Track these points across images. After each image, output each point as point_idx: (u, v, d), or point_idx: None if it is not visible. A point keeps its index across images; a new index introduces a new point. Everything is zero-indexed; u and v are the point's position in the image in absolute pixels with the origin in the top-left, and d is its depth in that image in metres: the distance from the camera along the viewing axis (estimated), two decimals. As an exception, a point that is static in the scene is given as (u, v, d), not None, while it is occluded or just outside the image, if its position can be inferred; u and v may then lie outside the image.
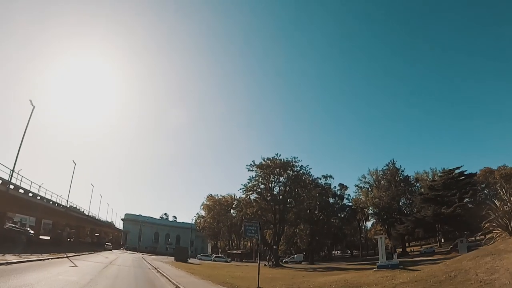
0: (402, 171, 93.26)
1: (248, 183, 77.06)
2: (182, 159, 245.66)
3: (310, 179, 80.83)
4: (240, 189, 78.53)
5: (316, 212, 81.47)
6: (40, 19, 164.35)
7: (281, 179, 77.24)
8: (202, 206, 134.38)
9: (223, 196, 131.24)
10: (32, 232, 60.29)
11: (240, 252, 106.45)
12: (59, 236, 69.26)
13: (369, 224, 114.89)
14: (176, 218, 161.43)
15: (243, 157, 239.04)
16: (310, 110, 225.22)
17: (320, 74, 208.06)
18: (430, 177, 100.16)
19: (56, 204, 60.08)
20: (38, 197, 52.01)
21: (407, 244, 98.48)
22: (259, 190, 76.69)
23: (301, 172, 77.78)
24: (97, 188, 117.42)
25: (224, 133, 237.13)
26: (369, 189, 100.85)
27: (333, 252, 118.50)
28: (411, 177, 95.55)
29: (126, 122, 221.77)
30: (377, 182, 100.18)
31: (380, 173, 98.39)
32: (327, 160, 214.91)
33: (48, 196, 55.21)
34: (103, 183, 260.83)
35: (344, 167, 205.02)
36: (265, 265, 71.47)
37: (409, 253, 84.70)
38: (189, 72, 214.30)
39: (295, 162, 77.14)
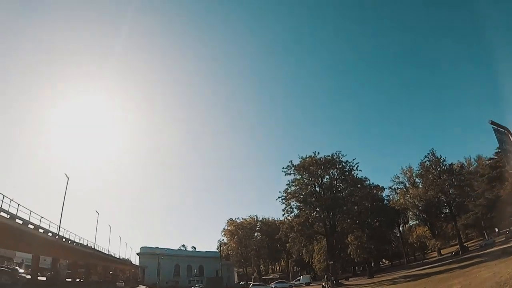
0: (444, 160, 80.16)
1: (287, 188, 63.65)
2: (194, 188, 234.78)
3: (358, 176, 66.30)
4: (279, 197, 64.49)
5: (368, 215, 67.03)
6: (43, 61, 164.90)
7: (325, 179, 63.96)
8: (224, 232, 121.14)
9: (245, 219, 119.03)
10: (21, 271, 46.99)
11: (278, 276, 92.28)
12: (55, 276, 55.58)
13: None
14: (195, 248, 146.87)
15: (258, 177, 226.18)
16: (317, 113, 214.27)
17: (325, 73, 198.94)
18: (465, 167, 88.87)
19: (57, 236, 46.71)
20: (41, 230, 40.36)
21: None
22: (301, 196, 62.85)
23: (347, 168, 64.27)
24: (105, 222, 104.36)
25: (236, 156, 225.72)
26: (404, 189, 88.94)
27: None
28: (454, 165, 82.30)
29: (135, 158, 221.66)
30: (411, 181, 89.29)
31: (416, 169, 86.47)
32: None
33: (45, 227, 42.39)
34: (117, 220, 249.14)
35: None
36: (322, 286, 57.36)
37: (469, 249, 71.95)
38: (197, 100, 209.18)
39: (339, 157, 63.98)
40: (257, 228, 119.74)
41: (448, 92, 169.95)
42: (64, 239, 49.04)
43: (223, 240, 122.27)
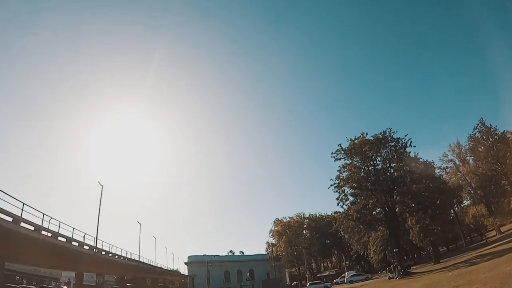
0: (495, 129, 72.20)
1: (339, 175, 58.26)
2: (236, 192, 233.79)
3: (413, 154, 59.58)
4: (331, 185, 58.89)
5: (427, 194, 60.37)
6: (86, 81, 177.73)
7: (378, 160, 58.14)
8: (271, 233, 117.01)
9: (292, 218, 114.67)
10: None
11: (334, 273, 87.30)
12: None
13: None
14: (243, 253, 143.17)
15: (300, 174, 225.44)
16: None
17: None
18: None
19: (95, 250, 44.59)
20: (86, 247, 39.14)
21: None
22: (355, 182, 56.87)
23: (400, 145, 57.74)
24: (149, 234, 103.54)
25: (275, 155, 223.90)
26: (455, 167, 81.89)
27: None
28: (507, 132, 73.96)
29: (177, 167, 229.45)
30: (461, 157, 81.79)
31: (465, 144, 79.10)
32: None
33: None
34: (162, 232, 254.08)
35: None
36: (389, 277, 51.74)
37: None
38: (231, 104, 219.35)
39: (391, 134, 57.71)
40: (305, 226, 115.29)
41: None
42: (103, 252, 46.81)
43: (271, 241, 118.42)
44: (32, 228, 27.66)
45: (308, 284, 72.04)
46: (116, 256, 51.49)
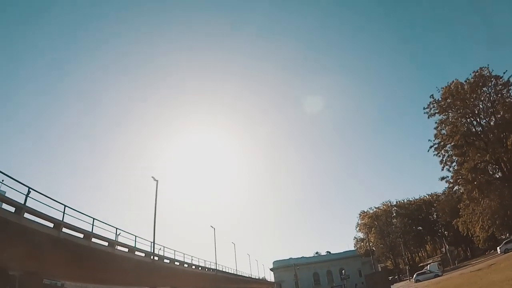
0: None
1: (438, 132, 50.60)
2: (317, 190, 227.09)
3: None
4: (431, 146, 51.62)
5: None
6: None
7: (479, 108, 47.49)
8: (358, 227, 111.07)
9: (378, 208, 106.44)
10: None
11: (440, 259, 75.94)
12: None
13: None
14: (329, 252, 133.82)
15: (382, 161, 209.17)
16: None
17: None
18: None
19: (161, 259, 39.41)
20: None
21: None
22: (459, 137, 47.52)
23: (501, 85, 46.41)
24: (227, 241, 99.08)
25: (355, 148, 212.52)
26: None
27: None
28: None
29: (249, 173, 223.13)
30: None
31: None
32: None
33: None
34: (243, 239, 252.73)
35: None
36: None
37: None
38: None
39: (490, 72, 46.69)
40: (393, 214, 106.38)
41: None
42: (166, 260, 41.37)
43: (359, 236, 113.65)
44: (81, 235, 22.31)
45: (415, 274, 61.54)
46: (186, 265, 45.81)
